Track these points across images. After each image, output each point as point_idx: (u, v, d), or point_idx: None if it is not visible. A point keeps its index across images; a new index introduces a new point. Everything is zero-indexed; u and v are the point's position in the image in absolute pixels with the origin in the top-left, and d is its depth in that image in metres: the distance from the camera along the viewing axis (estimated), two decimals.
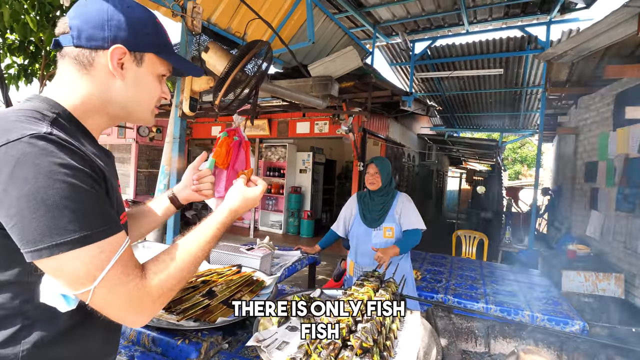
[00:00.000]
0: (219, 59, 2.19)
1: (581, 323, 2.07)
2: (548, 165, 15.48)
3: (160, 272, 0.66)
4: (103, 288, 0.59)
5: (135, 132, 8.84)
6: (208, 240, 0.76)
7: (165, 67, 0.79)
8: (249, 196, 0.87)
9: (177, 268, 0.68)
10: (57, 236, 0.55)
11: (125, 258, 0.62)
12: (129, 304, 0.61)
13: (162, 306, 0.67)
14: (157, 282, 0.65)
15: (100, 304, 0.60)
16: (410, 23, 6.25)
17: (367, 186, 2.34)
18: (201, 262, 0.74)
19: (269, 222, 8.60)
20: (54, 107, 0.68)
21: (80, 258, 0.57)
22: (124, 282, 0.60)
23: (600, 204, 4.47)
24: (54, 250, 0.55)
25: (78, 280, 0.58)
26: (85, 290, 0.58)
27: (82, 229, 0.57)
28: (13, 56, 3.01)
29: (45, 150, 0.56)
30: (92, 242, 0.58)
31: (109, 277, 0.59)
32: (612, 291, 3.50)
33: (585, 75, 4.53)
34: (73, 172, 0.57)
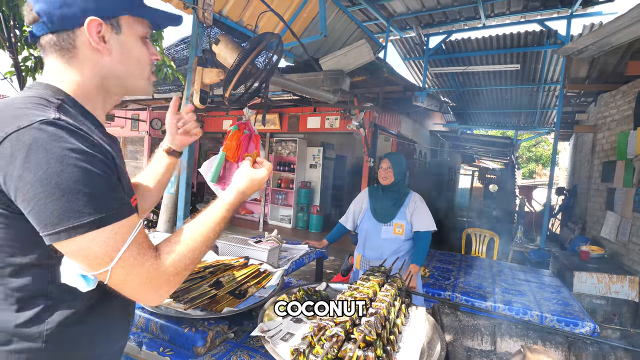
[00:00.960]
0: (229, 52, 2.19)
1: (592, 325, 2.02)
2: (563, 165, 15.11)
3: (174, 252, 0.68)
4: (120, 268, 0.61)
5: (148, 125, 8.97)
6: (218, 222, 0.77)
7: (144, 25, 0.75)
8: (255, 177, 0.88)
9: (189, 248, 0.70)
10: (73, 219, 0.56)
11: (139, 239, 0.64)
12: (145, 282, 0.63)
13: (177, 285, 0.69)
14: (170, 261, 0.67)
15: (118, 283, 0.62)
16: (425, 16, 6.13)
17: (380, 181, 2.33)
18: (212, 243, 0.76)
19: (278, 216, 8.65)
20: (57, 93, 0.68)
21: (97, 240, 0.59)
22: (140, 262, 0.62)
23: (617, 205, 4.34)
24: (71, 233, 0.57)
25: (96, 261, 0.60)
26: (103, 270, 0.60)
27: (97, 211, 0.58)
28: (30, 49, 3.08)
29: (55, 135, 0.57)
30: (107, 224, 0.59)
31: (125, 257, 0.61)
32: (626, 294, 3.41)
33: (606, 71, 4.39)
34: (84, 157, 0.59)
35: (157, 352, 1.11)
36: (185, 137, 1.09)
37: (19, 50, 2.88)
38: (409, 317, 1.18)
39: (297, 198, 8.21)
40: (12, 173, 0.56)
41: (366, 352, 0.83)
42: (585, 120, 6.37)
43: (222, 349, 1.12)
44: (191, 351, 1.09)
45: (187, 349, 1.11)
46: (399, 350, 0.98)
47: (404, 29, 6.64)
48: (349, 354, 0.83)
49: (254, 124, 2.52)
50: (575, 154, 8.09)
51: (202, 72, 2.10)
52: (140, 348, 1.12)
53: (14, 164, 0.56)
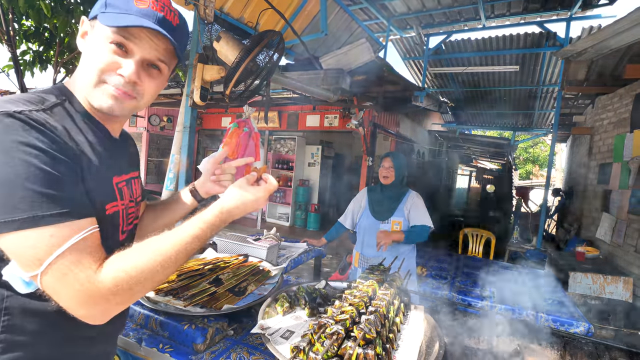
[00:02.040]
0: (230, 49, 2.19)
1: (586, 325, 2.05)
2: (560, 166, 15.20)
3: (119, 269, 0.60)
4: (50, 275, 0.55)
5: (146, 121, 8.93)
6: (188, 241, 0.67)
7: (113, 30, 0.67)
8: (247, 197, 0.78)
9: (139, 268, 0.61)
10: (6, 214, 0.53)
11: (81, 246, 0.58)
12: (77, 295, 0.57)
13: (119, 305, 0.62)
14: (112, 278, 0.59)
15: (49, 290, 0.57)
16: (426, 16, 6.13)
17: (381, 180, 2.33)
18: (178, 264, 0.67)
19: (276, 214, 8.65)
20: (64, 95, 0.69)
21: (29, 240, 0.54)
22: (74, 272, 0.56)
23: (613, 207, 4.38)
24: (1, 228, 0.53)
25: (26, 263, 0.56)
26: (33, 274, 0.56)
27: (34, 209, 0.54)
28: (28, 43, 3.05)
29: (9, 127, 0.56)
30: (42, 225, 0.55)
31: (57, 263, 0.55)
32: (620, 295, 3.44)
33: (604, 74, 4.42)
34: (34, 152, 0.56)
35: (157, 348, 1.11)
36: (215, 186, 1.05)
37: (17, 44, 2.86)
38: (407, 315, 1.19)
39: (296, 196, 8.22)
40: None
41: (366, 350, 0.84)
42: (583, 122, 6.41)
43: (222, 346, 1.13)
44: (191, 348, 1.10)
45: (186, 346, 1.11)
46: (398, 349, 0.99)
47: (405, 29, 6.64)
48: (349, 352, 0.84)
49: (254, 121, 2.52)
50: (572, 155, 8.14)
51: (203, 69, 2.10)
52: (140, 344, 1.13)
53: None
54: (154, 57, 0.72)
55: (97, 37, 0.69)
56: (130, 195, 0.83)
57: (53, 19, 2.60)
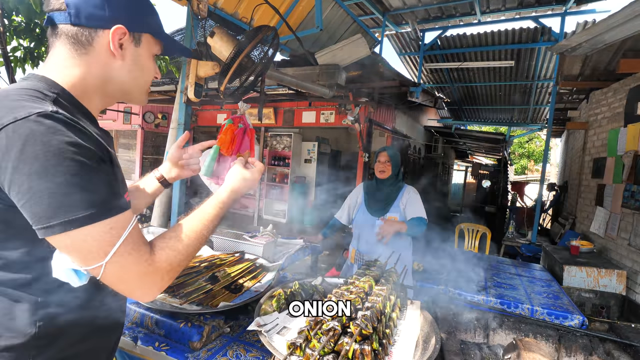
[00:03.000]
0: (224, 45, 2.16)
1: (580, 317, 2.07)
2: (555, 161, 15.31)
3: (168, 248, 0.68)
4: (114, 263, 0.60)
5: (140, 119, 8.84)
6: (211, 219, 0.78)
7: (159, 46, 0.82)
8: (247, 176, 0.91)
9: (184, 244, 0.70)
10: (68, 213, 0.56)
11: (134, 235, 0.63)
12: (140, 278, 0.63)
13: (170, 281, 0.69)
14: (165, 258, 0.67)
15: (111, 279, 0.62)
16: (421, 11, 6.11)
17: (377, 174, 2.32)
18: (206, 240, 0.77)
19: (273, 210, 8.64)
20: (52, 87, 0.68)
21: (92, 234, 0.58)
22: (135, 257, 0.62)
23: (606, 201, 4.42)
24: (66, 227, 0.56)
25: (90, 256, 0.59)
26: (97, 265, 0.60)
27: (93, 206, 0.58)
28: (19, 39, 3.00)
29: (53, 128, 0.57)
30: (102, 219, 0.59)
31: (119, 252, 0.60)
32: (614, 287, 3.49)
33: (599, 69, 4.43)
34: (81, 150, 0.58)
35: (153, 347, 1.10)
36: (183, 171, 1.12)
37: (8, 41, 2.81)
38: (404, 311, 1.19)
39: (292, 193, 8.21)
40: (7, 165, 0.55)
41: (362, 346, 0.84)
42: (577, 117, 6.45)
43: (218, 344, 1.13)
44: (187, 346, 1.10)
45: (182, 344, 1.11)
46: (395, 344, 0.99)
47: (400, 24, 6.62)
48: (346, 348, 0.84)
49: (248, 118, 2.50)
50: (566, 150, 8.20)
51: (197, 65, 2.08)
52: (135, 343, 1.12)
53: (9, 155, 0.55)
54: None
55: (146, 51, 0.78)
56: None
57: (43, 15, 2.55)
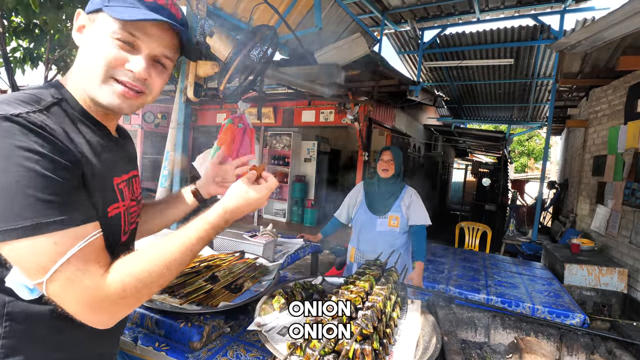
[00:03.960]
0: (223, 44, 2.16)
1: (582, 316, 2.07)
2: (555, 159, 15.30)
3: (126, 273, 0.60)
4: (56, 282, 0.55)
5: (140, 119, 8.85)
6: (192, 243, 0.68)
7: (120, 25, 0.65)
8: (250, 197, 0.77)
9: (145, 270, 0.62)
10: (8, 222, 0.52)
11: (86, 252, 0.58)
12: (85, 302, 0.57)
13: (126, 308, 0.62)
14: (119, 282, 0.59)
15: (55, 298, 0.57)
16: (420, 10, 6.11)
17: (379, 173, 2.32)
18: (183, 265, 0.67)
19: (272, 210, 8.65)
20: (59, 93, 0.66)
21: (32, 248, 0.53)
22: (80, 279, 0.56)
23: (607, 198, 4.42)
24: (5, 236, 0.52)
25: (30, 271, 0.55)
26: (38, 281, 0.55)
27: (37, 216, 0.53)
28: (19, 39, 3.00)
29: (8, 132, 0.54)
30: (45, 232, 0.54)
31: (63, 270, 0.55)
32: (615, 285, 3.49)
33: (598, 66, 4.43)
34: (35, 157, 0.54)
35: (153, 347, 1.10)
36: (218, 188, 1.07)
37: (7, 41, 2.81)
38: (404, 310, 1.19)
39: (292, 192, 8.21)
40: None
41: (363, 346, 0.84)
42: (577, 114, 6.44)
43: (218, 344, 1.12)
44: (187, 346, 1.09)
45: (183, 344, 1.11)
46: (395, 343, 0.99)
47: (399, 23, 6.61)
48: (346, 348, 0.83)
49: (248, 117, 2.50)
50: (566, 148, 8.19)
51: (197, 65, 2.07)
52: (135, 343, 1.12)
53: None
54: (161, 53, 0.71)
55: (100, 31, 0.66)
56: (131, 195, 0.81)
57: (42, 15, 2.55)
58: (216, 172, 1.07)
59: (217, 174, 1.07)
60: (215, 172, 1.07)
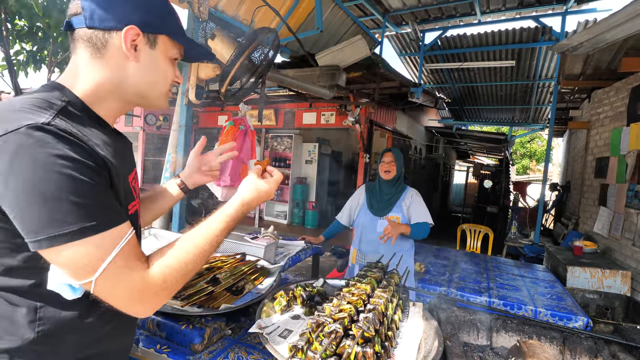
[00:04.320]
0: (225, 47, 2.17)
1: (585, 319, 2.06)
2: (557, 161, 15.26)
3: (165, 265, 0.66)
4: (104, 280, 0.59)
5: (142, 121, 8.88)
6: (217, 234, 0.74)
7: (178, 50, 0.78)
8: (262, 189, 0.85)
9: (182, 261, 0.68)
10: (55, 228, 0.55)
11: (127, 250, 0.62)
12: (131, 295, 0.62)
13: (166, 298, 0.67)
14: (160, 274, 0.64)
15: (103, 294, 0.61)
16: (421, 12, 6.11)
17: (381, 174, 2.32)
18: (208, 256, 0.73)
19: (274, 212, 8.64)
20: (65, 95, 0.67)
21: (80, 250, 0.57)
22: (126, 274, 0.61)
23: (610, 201, 4.40)
24: (53, 242, 0.55)
25: (79, 272, 0.58)
26: (87, 281, 0.58)
27: (81, 221, 0.56)
28: (22, 42, 3.02)
29: (42, 141, 0.56)
30: (90, 235, 0.57)
31: (110, 268, 0.59)
32: (618, 288, 3.46)
33: (600, 68, 4.42)
34: (70, 164, 0.57)
35: (154, 349, 1.10)
36: (203, 177, 1.13)
37: (11, 44, 2.83)
38: (406, 313, 1.19)
39: (293, 194, 8.21)
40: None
41: (364, 348, 0.83)
42: (579, 116, 6.43)
43: (220, 346, 1.12)
44: (188, 348, 1.09)
45: (184, 346, 1.10)
46: (397, 346, 0.98)
47: (400, 25, 6.62)
48: (348, 350, 0.83)
49: (249, 119, 2.50)
50: (568, 150, 8.17)
51: (198, 67, 2.08)
52: (137, 345, 1.12)
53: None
54: None
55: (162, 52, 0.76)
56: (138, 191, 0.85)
57: (45, 19, 2.57)
58: (200, 162, 1.12)
59: (201, 163, 1.13)
60: (198, 162, 1.12)
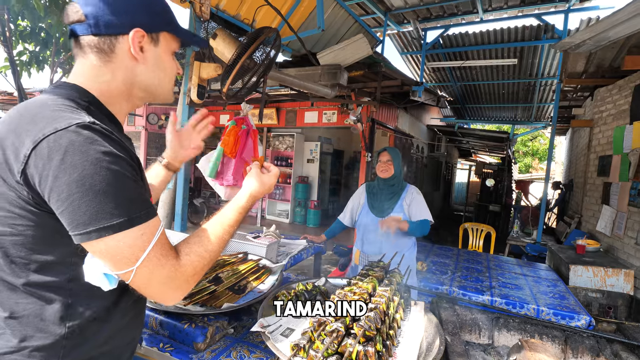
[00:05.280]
0: (227, 46, 2.17)
1: (587, 318, 2.05)
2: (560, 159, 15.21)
3: (193, 253, 0.71)
4: (144, 268, 0.63)
5: (144, 120, 8.90)
6: (232, 224, 0.80)
7: (177, 43, 0.82)
8: (265, 181, 0.93)
9: (207, 249, 0.73)
10: (104, 220, 0.59)
11: (162, 240, 0.66)
12: (166, 282, 0.66)
13: (194, 284, 0.72)
14: (189, 262, 0.69)
15: (140, 282, 0.65)
16: (423, 10, 6.10)
17: (379, 174, 2.32)
18: (226, 244, 0.79)
19: (276, 211, 8.66)
20: (84, 95, 0.71)
21: (125, 240, 0.61)
22: (162, 262, 0.65)
23: (613, 199, 4.38)
24: (102, 233, 0.59)
25: (122, 261, 0.62)
26: (128, 270, 0.62)
27: (126, 213, 0.61)
28: (25, 43, 3.03)
29: (90, 138, 0.60)
30: (135, 225, 0.62)
31: (149, 257, 0.63)
32: (621, 287, 3.45)
33: (603, 66, 4.39)
34: (116, 160, 0.61)
35: (157, 348, 1.11)
36: (187, 151, 1.14)
37: (14, 45, 2.84)
38: (407, 312, 1.19)
39: (295, 193, 8.21)
40: (47, 173, 0.58)
41: (366, 347, 0.84)
42: (582, 114, 6.40)
43: (222, 345, 1.13)
44: (191, 347, 1.10)
45: (187, 345, 1.11)
46: (399, 345, 0.99)
47: (402, 23, 6.61)
48: (349, 349, 0.84)
49: (251, 118, 2.51)
50: (571, 148, 8.13)
51: (200, 66, 2.08)
52: (140, 344, 1.13)
53: (50, 164, 0.58)
54: None
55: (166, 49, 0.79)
56: None
57: (48, 19, 2.57)
58: (181, 139, 1.13)
59: (183, 139, 1.13)
60: (180, 139, 1.13)
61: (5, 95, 8.66)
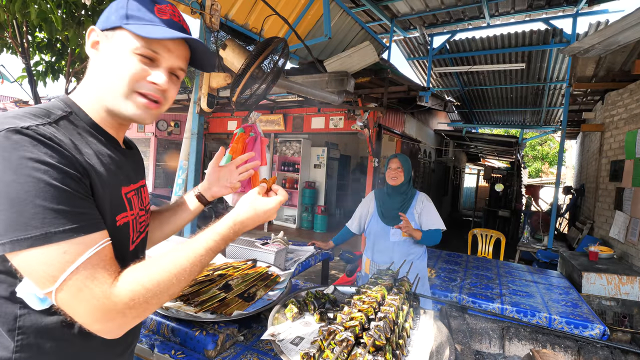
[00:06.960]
0: (236, 56, 2.21)
1: (601, 327, 2.01)
2: (570, 163, 14.97)
3: (136, 282, 0.60)
4: (65, 292, 0.55)
5: (154, 127, 9.05)
6: (201, 253, 0.68)
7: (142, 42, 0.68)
8: (259, 208, 0.78)
9: (155, 281, 0.61)
10: (18, 232, 0.53)
11: (94, 261, 0.58)
12: (93, 311, 0.57)
13: (135, 319, 0.61)
14: (128, 292, 0.59)
15: (64, 307, 0.57)
16: (429, 16, 6.12)
17: (388, 181, 2.30)
18: (194, 275, 0.67)
19: (282, 216, 8.68)
20: (69, 107, 0.69)
21: (42, 257, 0.54)
22: (89, 287, 0.56)
23: (626, 205, 4.30)
24: (14, 246, 0.53)
25: (40, 280, 0.55)
26: (47, 291, 0.55)
27: (45, 226, 0.54)
28: (42, 54, 3.14)
29: (17, 144, 0.55)
30: (54, 242, 0.54)
31: (71, 279, 0.55)
32: (637, 295, 3.37)
33: (613, 69, 4.35)
34: (44, 167, 0.55)
35: (169, 354, 1.12)
36: (222, 189, 1.10)
37: (31, 55, 2.94)
38: (417, 320, 1.19)
39: (302, 198, 8.24)
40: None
41: (376, 357, 0.84)
42: (592, 118, 6.31)
43: (232, 352, 1.14)
44: (202, 354, 1.11)
45: (198, 352, 1.12)
46: (408, 355, 0.98)
47: (408, 29, 6.63)
48: (359, 359, 0.84)
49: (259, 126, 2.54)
50: (582, 152, 8.01)
51: (210, 76, 2.12)
52: (152, 351, 1.14)
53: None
54: (177, 66, 0.75)
55: (120, 47, 0.68)
56: (140, 204, 0.83)
57: (64, 31, 2.66)
58: (219, 174, 1.10)
59: (220, 176, 1.10)
60: (217, 174, 1.10)
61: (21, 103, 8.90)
